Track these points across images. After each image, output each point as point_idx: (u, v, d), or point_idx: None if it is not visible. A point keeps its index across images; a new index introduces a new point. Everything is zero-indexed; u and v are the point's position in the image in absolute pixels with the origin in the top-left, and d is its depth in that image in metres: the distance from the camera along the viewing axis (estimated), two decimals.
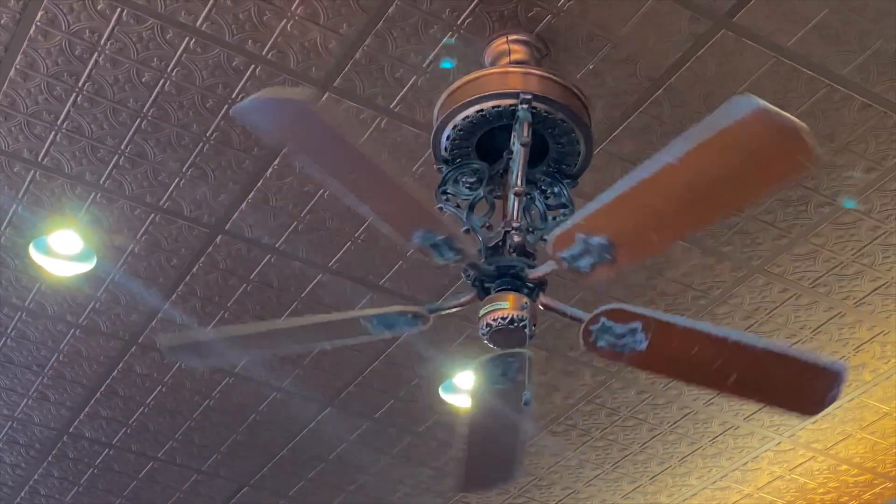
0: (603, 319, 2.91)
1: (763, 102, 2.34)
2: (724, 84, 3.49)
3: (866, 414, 4.83)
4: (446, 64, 3.49)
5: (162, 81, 3.57)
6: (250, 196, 3.94)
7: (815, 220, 3.93)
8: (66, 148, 3.79)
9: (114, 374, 4.77)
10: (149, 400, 4.91)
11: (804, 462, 5.14)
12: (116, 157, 3.82)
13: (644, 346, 2.92)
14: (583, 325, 2.94)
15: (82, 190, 3.93)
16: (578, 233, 2.75)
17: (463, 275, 3.10)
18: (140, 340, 4.59)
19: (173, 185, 3.91)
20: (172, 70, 3.53)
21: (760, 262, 4.11)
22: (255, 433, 5.08)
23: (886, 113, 3.56)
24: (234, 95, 3.60)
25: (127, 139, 3.75)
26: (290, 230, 4.06)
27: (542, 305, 3.02)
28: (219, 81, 3.56)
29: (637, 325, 2.88)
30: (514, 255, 3.02)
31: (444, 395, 4.82)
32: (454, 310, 3.15)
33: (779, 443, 5.02)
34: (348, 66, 3.49)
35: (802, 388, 3.10)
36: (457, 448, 3.52)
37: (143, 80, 3.56)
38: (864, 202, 3.86)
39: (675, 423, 4.91)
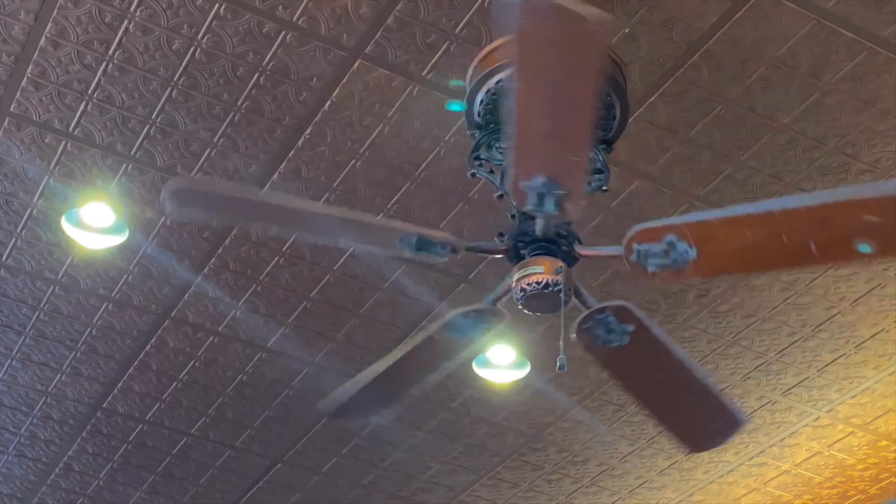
0: (636, 245, 2.85)
1: None
2: (761, 48, 3.43)
3: None
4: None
5: (192, 49, 3.54)
6: (282, 166, 3.91)
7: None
8: (97, 118, 3.77)
9: (147, 348, 4.76)
10: (182, 375, 4.89)
11: (843, 438, 5.06)
12: (147, 126, 3.79)
13: (694, 253, 2.83)
14: (624, 259, 2.88)
15: (114, 161, 3.91)
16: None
17: (496, 239, 3.06)
18: (173, 314, 4.57)
19: (204, 155, 3.88)
20: (203, 37, 3.50)
21: None
22: (287, 409, 5.06)
23: None
24: (264, 63, 3.56)
25: (158, 109, 3.73)
26: (322, 201, 4.03)
27: (579, 255, 2.98)
28: (249, 49, 3.53)
29: (672, 237, 2.78)
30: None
31: (478, 370, 4.77)
32: (488, 255, 3.13)
33: (817, 418, 4.95)
34: (379, 32, 3.45)
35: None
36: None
37: (174, 47, 3.53)
38: None
39: None
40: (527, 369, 4.72)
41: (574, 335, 3.06)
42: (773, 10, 3.31)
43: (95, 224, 4.17)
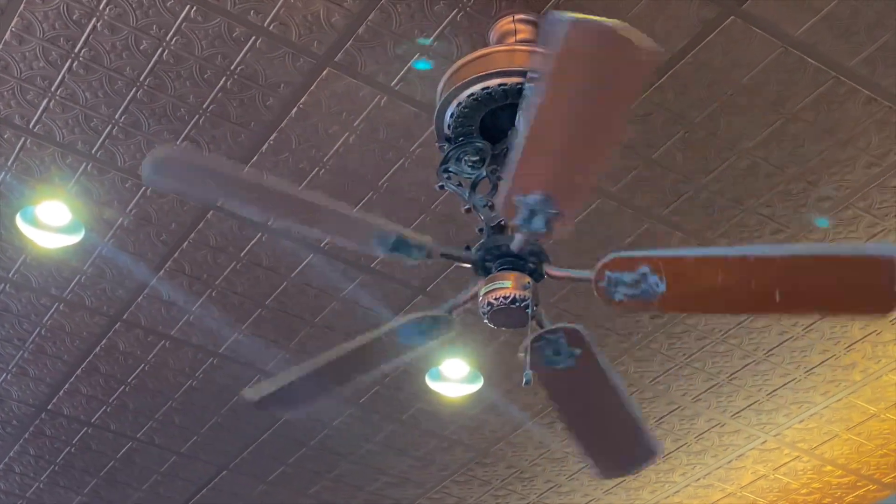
0: (608, 273, 2.86)
1: (572, 15, 2.28)
2: (729, 73, 3.46)
3: (853, 414, 4.81)
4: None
5: (160, 50, 3.50)
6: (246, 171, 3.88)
7: (813, 215, 3.91)
8: (59, 115, 3.72)
9: (96, 350, 4.70)
10: (130, 378, 4.83)
11: (789, 462, 5.12)
12: (110, 126, 3.75)
13: (663, 287, 2.85)
14: (594, 285, 2.89)
15: (73, 160, 3.87)
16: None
17: (464, 252, 3.05)
18: (125, 317, 4.52)
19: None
20: (171, 39, 3.47)
21: None
22: (237, 416, 5.02)
23: (891, 107, 3.53)
24: (233, 67, 3.54)
25: (122, 109, 3.69)
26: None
27: (549, 276, 2.98)
28: (218, 52, 3.50)
29: (645, 268, 2.81)
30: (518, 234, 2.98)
31: (431, 383, 4.77)
32: (469, 304, 3.09)
33: (764, 441, 5.00)
34: (350, 40, 3.44)
35: (860, 286, 2.79)
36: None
37: (141, 47, 3.50)
38: (863, 198, 3.84)
39: (660, 418, 4.88)
40: (480, 384, 4.72)
41: (521, 353, 3.06)
42: (742, 36, 3.35)
43: (51, 223, 4.11)
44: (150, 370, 4.78)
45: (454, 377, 4.74)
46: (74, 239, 4.16)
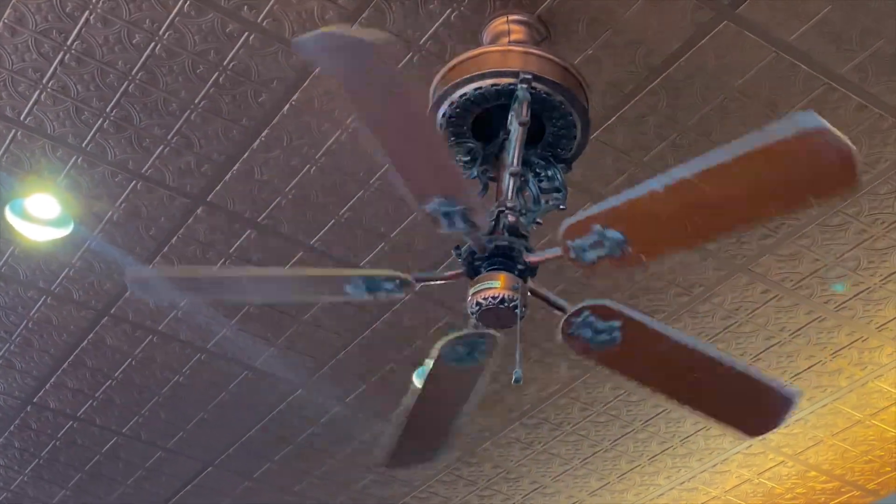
0: (586, 313, 2.89)
1: (824, 121, 2.36)
2: (721, 77, 3.47)
3: (839, 420, 4.83)
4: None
5: (153, 44, 3.50)
6: (235, 167, 3.88)
7: (802, 221, 3.92)
8: (50, 108, 3.71)
9: (83, 344, 4.69)
10: (117, 373, 4.82)
11: (773, 466, 5.13)
12: (101, 120, 3.74)
13: (617, 344, 2.92)
14: (565, 316, 2.92)
15: (64, 153, 3.86)
16: (595, 224, 2.72)
17: (454, 252, 3.06)
18: (112, 311, 4.51)
19: (157, 152, 3.84)
20: (164, 33, 3.46)
21: (744, 262, 4.09)
22: (223, 412, 5.01)
23: (882, 115, 3.55)
24: (225, 62, 3.53)
25: (113, 102, 3.68)
26: (273, 205, 4.00)
27: (529, 291, 2.97)
28: (211, 47, 3.50)
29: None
30: (507, 235, 2.98)
31: (418, 382, 4.75)
32: (441, 281, 3.12)
33: (749, 445, 5.00)
34: None
35: (753, 407, 3.17)
36: (395, 421, 3.43)
37: (134, 41, 3.49)
38: (852, 205, 3.85)
39: (647, 420, 4.89)
40: None
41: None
42: (734, 40, 3.35)
43: (40, 216, 4.10)
44: (137, 365, 4.77)
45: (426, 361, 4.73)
46: (63, 232, 4.15)
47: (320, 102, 3.64)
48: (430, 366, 3.18)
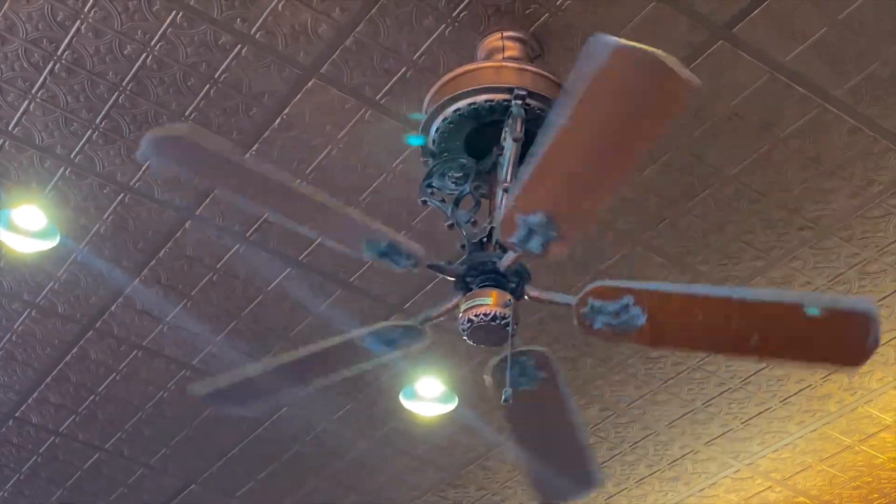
0: (591, 300, 2.83)
1: (617, 40, 2.23)
2: (715, 97, 3.45)
3: (828, 445, 4.80)
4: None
5: (144, 56, 3.47)
6: None
7: (794, 244, 3.90)
8: (39, 118, 3.67)
9: (67, 359, 4.64)
10: (101, 388, 4.77)
11: (761, 491, 5.10)
12: (90, 131, 3.71)
13: (643, 320, 2.83)
14: (574, 310, 2.86)
15: (52, 164, 3.82)
16: (517, 215, 2.66)
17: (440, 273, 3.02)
18: (97, 325, 4.46)
19: (146, 164, 3.80)
20: (156, 44, 3.43)
21: (736, 283, 4.07)
22: (207, 429, 4.96)
23: (875, 138, 3.53)
24: (216, 75, 3.50)
25: (103, 113, 3.64)
26: (261, 220, 3.97)
27: (529, 297, 2.95)
28: (203, 60, 3.47)
29: (629, 299, 2.78)
30: (500, 251, 2.95)
31: (405, 402, 4.72)
32: (444, 317, 3.06)
33: (737, 470, 4.98)
34: (337, 52, 3.41)
35: (836, 337, 2.80)
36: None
37: (125, 52, 3.46)
38: (845, 228, 3.83)
39: (635, 442, 4.86)
40: (454, 404, 4.68)
41: (486, 375, 3.06)
42: (729, 60, 3.34)
43: (26, 227, 4.06)
44: (122, 380, 4.72)
45: (428, 396, 4.70)
46: (49, 244, 4.10)
47: (312, 117, 3.61)
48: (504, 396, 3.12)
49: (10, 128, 3.71)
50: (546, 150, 2.49)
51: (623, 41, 2.23)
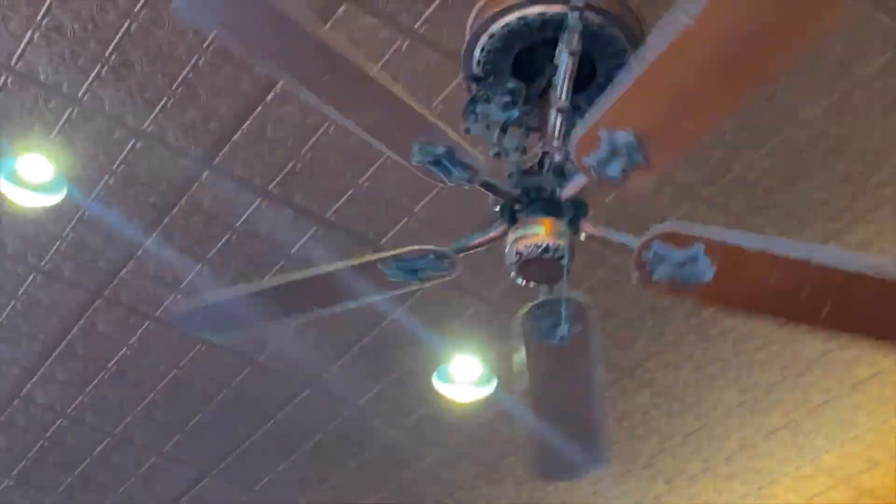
0: (657, 244, 2.46)
1: None
2: None
3: None
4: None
5: None
6: (245, 125, 3.51)
7: (871, 204, 3.53)
8: (44, 50, 3.35)
9: (74, 330, 4.30)
10: (110, 364, 4.43)
11: (824, 491, 4.71)
12: (99, 66, 3.38)
13: (710, 275, 2.46)
14: (634, 255, 2.49)
15: (57, 104, 3.49)
16: (601, 129, 2.28)
17: (489, 202, 2.67)
18: (106, 293, 4.12)
19: (160, 105, 3.47)
20: None
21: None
22: (223, 413, 4.61)
23: None
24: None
25: (113, 44, 3.31)
26: (285, 171, 3.63)
27: (585, 233, 2.59)
28: None
29: (698, 249, 2.42)
30: (554, 177, 2.61)
31: (438, 384, 4.36)
32: (484, 247, 2.70)
33: (799, 467, 4.59)
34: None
35: None
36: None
37: None
38: None
39: (688, 434, 4.48)
40: (493, 386, 4.31)
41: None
42: None
43: (30, 179, 3.74)
44: (132, 355, 4.38)
45: (465, 379, 4.34)
46: (56, 199, 3.78)
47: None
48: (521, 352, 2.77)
49: (12, 62, 3.39)
50: (658, 56, 2.11)
51: None
